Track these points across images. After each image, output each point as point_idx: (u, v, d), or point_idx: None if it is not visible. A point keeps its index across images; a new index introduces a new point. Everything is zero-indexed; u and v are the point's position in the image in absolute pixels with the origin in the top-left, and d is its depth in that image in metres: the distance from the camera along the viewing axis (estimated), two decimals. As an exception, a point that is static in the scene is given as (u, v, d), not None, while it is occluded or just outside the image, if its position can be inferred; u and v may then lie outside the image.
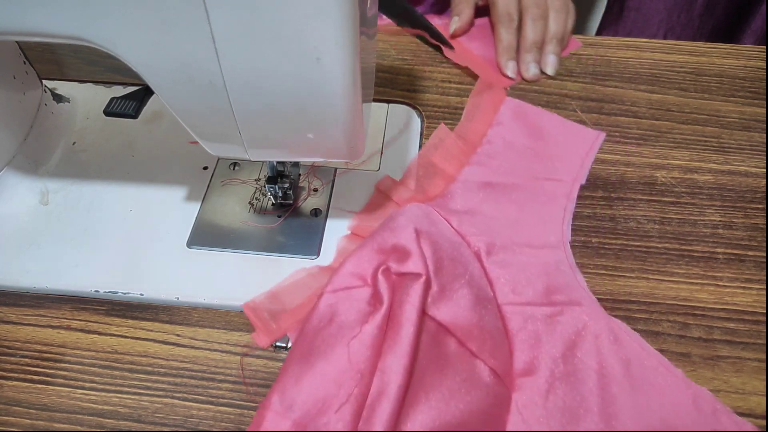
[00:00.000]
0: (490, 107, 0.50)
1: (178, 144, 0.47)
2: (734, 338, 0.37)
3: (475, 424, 0.31)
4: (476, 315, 0.34)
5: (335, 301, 0.33)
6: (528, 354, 0.35)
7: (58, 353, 0.37)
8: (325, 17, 0.25)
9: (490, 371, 0.33)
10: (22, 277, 0.39)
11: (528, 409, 0.33)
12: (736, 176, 0.46)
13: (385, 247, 0.35)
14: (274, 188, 0.41)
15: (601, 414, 0.32)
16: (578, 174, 0.45)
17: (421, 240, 0.34)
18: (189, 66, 0.28)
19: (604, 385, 0.33)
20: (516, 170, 0.45)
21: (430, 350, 0.32)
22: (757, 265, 0.41)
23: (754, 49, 0.56)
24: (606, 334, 0.35)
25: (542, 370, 0.34)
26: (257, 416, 0.29)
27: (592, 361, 0.34)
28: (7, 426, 0.34)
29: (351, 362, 0.30)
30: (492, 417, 0.32)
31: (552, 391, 0.33)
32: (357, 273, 0.34)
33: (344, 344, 0.31)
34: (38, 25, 0.28)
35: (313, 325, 0.32)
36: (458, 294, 0.34)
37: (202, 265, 0.40)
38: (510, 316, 0.36)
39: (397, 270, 0.34)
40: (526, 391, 0.33)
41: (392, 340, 0.31)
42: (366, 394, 0.30)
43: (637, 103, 0.51)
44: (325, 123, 0.31)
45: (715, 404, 0.33)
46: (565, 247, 0.40)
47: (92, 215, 0.43)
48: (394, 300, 0.32)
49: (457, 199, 0.43)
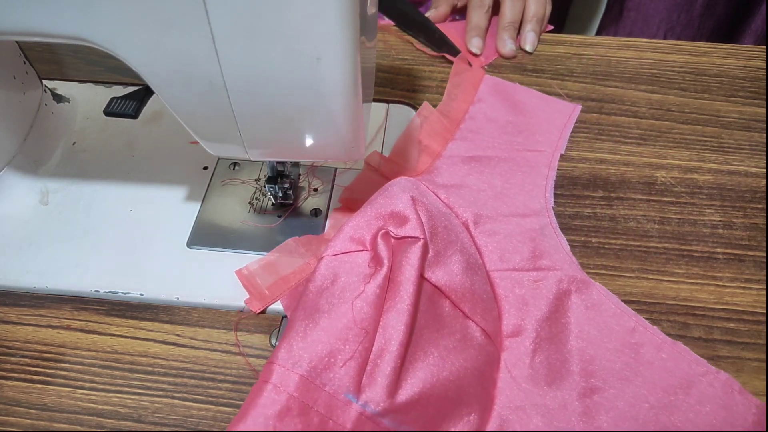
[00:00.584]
0: (471, 85, 0.52)
1: (178, 144, 0.47)
2: (734, 338, 0.37)
3: (470, 380, 0.33)
4: (468, 279, 0.35)
5: (336, 264, 0.34)
6: (516, 316, 0.37)
7: (58, 353, 0.37)
8: (325, 17, 0.25)
9: (481, 332, 0.35)
10: (22, 277, 0.39)
11: (516, 367, 0.35)
12: (736, 176, 0.46)
13: (383, 213, 0.35)
14: (274, 188, 0.41)
15: (581, 372, 0.34)
16: (558, 144, 0.47)
17: (417, 206, 0.35)
18: (189, 66, 0.28)
19: (583, 346, 0.35)
20: (498, 143, 0.47)
21: (427, 311, 0.33)
22: (756, 264, 0.41)
23: (754, 49, 0.56)
24: (586, 296, 0.37)
25: (528, 332, 0.36)
26: (265, 371, 0.30)
27: (573, 323, 0.36)
28: (7, 426, 0.34)
29: (355, 320, 0.31)
30: (484, 374, 0.34)
31: (538, 351, 0.35)
32: (356, 238, 0.35)
33: (348, 303, 0.32)
34: (38, 25, 0.28)
35: (316, 285, 0.33)
36: (452, 259, 0.35)
37: (202, 265, 0.40)
38: (498, 282, 0.38)
39: (395, 234, 0.34)
40: (513, 351, 0.36)
41: (393, 299, 0.32)
42: (370, 350, 0.31)
43: (637, 103, 0.51)
44: (325, 123, 0.31)
45: (691, 362, 0.35)
46: (549, 212, 0.42)
47: (92, 215, 0.43)
48: (394, 261, 0.33)
49: (443, 174, 0.44)
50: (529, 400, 0.34)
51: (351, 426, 0.29)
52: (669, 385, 0.34)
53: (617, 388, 0.34)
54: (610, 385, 0.34)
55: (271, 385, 0.29)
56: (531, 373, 0.35)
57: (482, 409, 0.33)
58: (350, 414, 0.29)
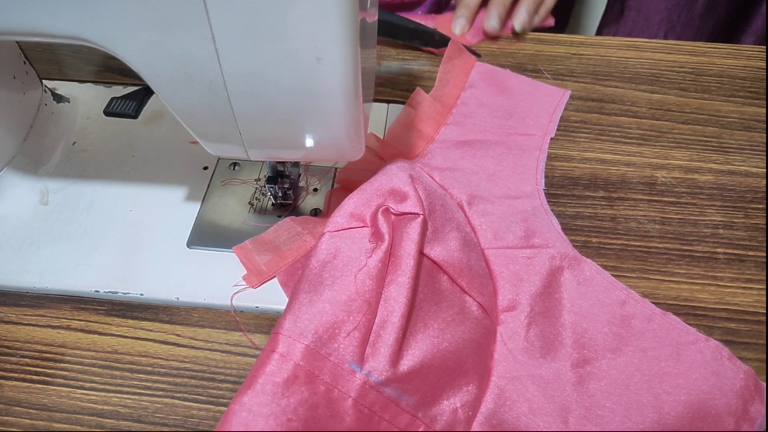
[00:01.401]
0: (462, 72, 0.52)
1: (178, 144, 0.47)
2: (735, 338, 0.37)
3: (468, 351, 0.34)
4: (465, 256, 0.36)
5: (337, 239, 0.34)
6: (510, 291, 0.38)
7: (58, 353, 0.37)
8: (325, 17, 0.25)
9: (478, 306, 0.36)
10: (22, 277, 0.39)
11: (512, 340, 0.36)
12: (737, 176, 0.46)
13: (383, 190, 0.36)
14: (274, 188, 0.41)
15: (574, 345, 0.36)
16: (548, 128, 0.48)
17: (416, 184, 0.36)
18: (189, 66, 0.28)
19: (576, 320, 0.37)
20: (490, 128, 0.48)
21: (426, 285, 0.34)
22: (757, 265, 0.40)
23: (754, 49, 0.56)
24: (578, 272, 0.38)
25: (523, 306, 0.37)
26: (271, 340, 0.30)
27: (566, 298, 0.37)
28: (7, 426, 0.34)
29: (358, 292, 0.32)
30: (482, 346, 0.35)
31: (532, 325, 0.37)
32: (357, 214, 0.35)
33: (351, 276, 0.32)
34: (38, 25, 0.28)
35: (319, 259, 0.33)
36: (449, 236, 0.36)
37: (202, 265, 0.40)
38: (493, 259, 0.39)
39: (395, 210, 0.35)
40: (509, 325, 0.37)
41: (394, 273, 0.33)
42: (372, 322, 0.31)
43: (638, 103, 0.51)
44: (326, 123, 0.31)
45: (681, 331, 0.36)
46: (540, 194, 0.43)
47: (92, 215, 0.43)
48: (395, 237, 0.34)
49: (437, 157, 0.46)
50: (525, 371, 0.35)
51: (355, 395, 0.29)
52: (660, 354, 0.35)
53: (609, 358, 0.35)
54: (602, 355, 0.35)
55: (278, 354, 0.29)
56: (526, 345, 0.36)
57: (480, 379, 0.34)
58: (354, 383, 0.30)
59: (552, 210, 0.43)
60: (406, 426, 0.31)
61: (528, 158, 0.46)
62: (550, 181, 0.45)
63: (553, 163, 0.46)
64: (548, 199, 0.44)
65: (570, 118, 0.49)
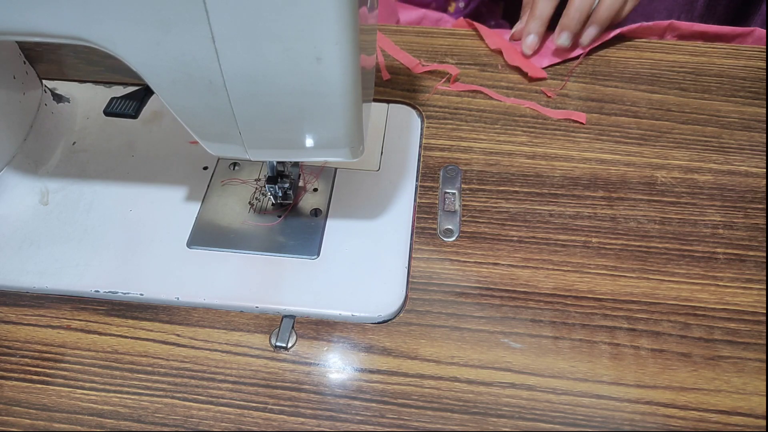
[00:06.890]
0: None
1: (178, 144, 0.47)
2: (735, 338, 0.37)
3: None
4: None
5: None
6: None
7: (58, 353, 0.37)
8: (325, 17, 0.25)
9: None
10: (22, 277, 0.39)
11: None
12: (737, 176, 0.46)
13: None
14: (274, 188, 0.41)
15: None
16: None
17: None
18: (189, 66, 0.28)
19: None
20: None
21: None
22: (757, 265, 0.40)
23: (754, 49, 0.56)
24: None
25: None
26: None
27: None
28: (7, 426, 0.34)
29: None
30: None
31: None
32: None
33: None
34: (38, 25, 0.28)
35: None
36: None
37: (202, 265, 0.40)
38: None
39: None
40: None
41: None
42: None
43: (638, 103, 0.51)
44: (325, 123, 0.31)
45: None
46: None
47: (92, 215, 0.43)
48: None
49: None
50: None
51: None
52: None
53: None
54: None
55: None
56: None
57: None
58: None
59: (552, 210, 0.43)
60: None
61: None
62: (551, 180, 0.45)
63: (553, 163, 0.46)
64: (548, 199, 0.44)
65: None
